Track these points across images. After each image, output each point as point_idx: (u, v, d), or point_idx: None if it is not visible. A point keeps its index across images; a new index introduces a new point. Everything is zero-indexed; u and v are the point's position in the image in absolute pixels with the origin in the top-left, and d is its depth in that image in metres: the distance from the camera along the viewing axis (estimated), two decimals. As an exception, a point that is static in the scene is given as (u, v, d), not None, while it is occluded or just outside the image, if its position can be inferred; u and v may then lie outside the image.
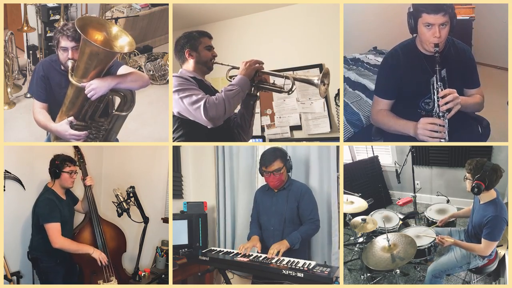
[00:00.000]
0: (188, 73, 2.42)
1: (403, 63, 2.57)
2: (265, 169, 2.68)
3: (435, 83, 2.40)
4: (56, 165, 2.72)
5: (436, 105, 2.39)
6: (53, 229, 2.63)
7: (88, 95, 2.32)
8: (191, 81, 2.32)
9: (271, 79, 2.50)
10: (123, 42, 2.36)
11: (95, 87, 2.30)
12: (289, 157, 2.73)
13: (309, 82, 2.38)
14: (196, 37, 2.46)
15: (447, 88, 2.38)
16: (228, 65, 2.49)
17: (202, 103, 2.17)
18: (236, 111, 2.53)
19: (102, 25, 2.36)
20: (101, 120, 2.51)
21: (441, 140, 2.37)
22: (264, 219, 2.79)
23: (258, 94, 2.51)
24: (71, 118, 2.42)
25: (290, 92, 2.42)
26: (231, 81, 2.38)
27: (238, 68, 2.42)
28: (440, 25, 2.37)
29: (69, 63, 2.37)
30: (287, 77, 2.40)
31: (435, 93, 2.40)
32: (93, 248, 2.75)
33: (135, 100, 2.50)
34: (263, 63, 2.43)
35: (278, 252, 2.49)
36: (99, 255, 2.72)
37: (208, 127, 2.23)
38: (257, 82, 2.44)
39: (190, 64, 2.47)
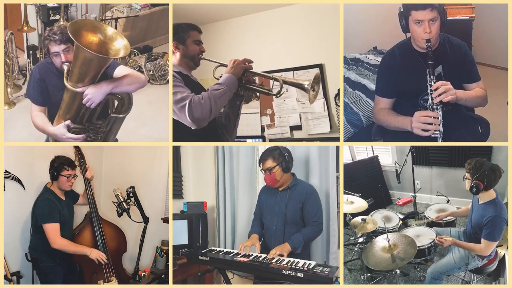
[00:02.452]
0: (174, 67, 2.34)
1: (400, 62, 2.60)
2: (260, 167, 2.69)
3: (427, 77, 2.43)
4: (55, 167, 2.72)
5: (429, 98, 2.42)
6: (52, 230, 2.63)
7: (86, 105, 2.30)
8: (177, 77, 2.24)
9: (260, 79, 2.40)
10: (119, 45, 2.29)
11: (91, 97, 2.26)
12: (287, 157, 2.67)
13: (299, 86, 2.31)
14: (185, 30, 2.39)
15: (440, 81, 2.40)
16: (216, 62, 2.41)
17: (187, 102, 2.08)
18: (221, 110, 2.46)
19: (97, 27, 2.29)
20: (99, 122, 2.48)
21: (436, 132, 2.39)
22: (267, 218, 2.78)
23: (245, 94, 2.44)
24: (68, 122, 2.38)
25: (278, 95, 2.34)
26: (218, 79, 2.30)
27: (225, 66, 2.34)
28: (430, 21, 2.41)
29: (65, 67, 2.33)
30: (276, 79, 2.32)
31: (429, 87, 2.42)
32: (90, 249, 2.74)
33: (132, 102, 2.46)
34: (252, 62, 2.36)
35: (280, 255, 2.48)
36: (96, 255, 2.72)
37: (192, 128, 2.15)
38: (244, 82, 2.36)
39: (176, 58, 2.39)
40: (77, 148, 2.93)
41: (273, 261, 2.41)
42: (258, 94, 2.47)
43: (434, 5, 2.39)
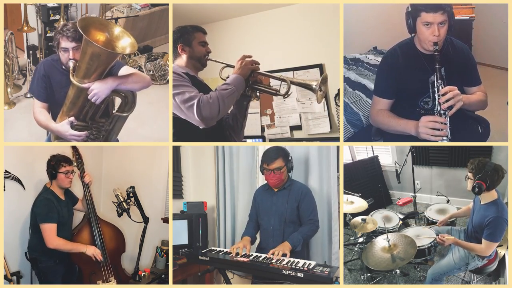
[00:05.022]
0: (182, 69, 2.36)
1: (402, 63, 2.58)
2: (266, 167, 2.67)
3: (435, 81, 2.40)
4: (52, 166, 2.72)
5: (437, 103, 2.39)
6: (49, 230, 2.62)
7: (92, 100, 2.32)
8: (184, 77, 2.26)
9: (268, 80, 2.43)
10: (125, 43, 2.35)
11: (97, 92, 2.30)
12: (291, 157, 2.73)
13: (306, 86, 2.31)
14: (190, 32, 2.42)
15: (448, 86, 2.38)
16: (222, 63, 2.43)
17: (195, 101, 2.10)
18: (229, 111, 2.48)
19: (104, 26, 2.35)
20: (102, 120, 2.50)
21: (443, 138, 2.37)
22: (264, 219, 2.79)
23: (252, 95, 2.45)
24: (72, 119, 2.41)
25: (285, 96, 2.34)
26: (225, 80, 2.31)
27: (232, 67, 2.36)
28: (439, 24, 2.38)
29: (71, 63, 2.37)
30: (283, 80, 2.32)
31: (436, 92, 2.40)
32: (86, 246, 2.74)
33: (136, 101, 2.49)
34: (258, 63, 2.37)
35: (283, 254, 2.47)
36: (92, 252, 2.72)
37: (200, 127, 2.16)
38: (251, 83, 2.37)
39: (183, 60, 2.41)
40: (74, 148, 2.93)
41: (273, 261, 2.41)
42: (258, 94, 2.47)
43: (444, 8, 2.36)
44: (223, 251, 2.67)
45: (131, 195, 2.94)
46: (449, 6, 2.40)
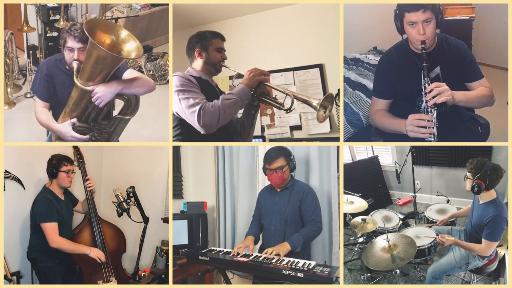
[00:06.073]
0: (195, 73, 2.43)
1: (398, 63, 2.59)
2: (268, 166, 2.68)
3: (422, 79, 2.42)
4: (53, 164, 2.72)
5: (424, 100, 2.40)
6: (50, 229, 2.63)
7: (96, 103, 2.33)
8: (193, 82, 2.31)
9: (274, 92, 2.45)
10: (131, 47, 2.35)
11: (101, 95, 2.31)
12: (293, 157, 2.73)
13: (308, 103, 2.31)
14: (208, 38, 2.47)
15: (434, 83, 2.38)
16: (234, 71, 2.47)
17: (197, 108, 2.16)
18: (239, 116, 2.53)
19: (111, 28, 2.35)
20: (104, 122, 2.50)
21: (430, 136, 2.38)
22: (266, 219, 2.78)
23: (260, 104, 2.48)
24: (74, 120, 2.41)
25: (288, 111, 2.37)
26: (234, 87, 2.35)
27: (242, 76, 2.39)
28: (424, 22, 2.39)
29: (74, 64, 2.37)
30: (287, 95, 2.35)
31: (423, 89, 2.41)
32: (90, 248, 2.74)
33: (139, 105, 2.50)
34: (268, 75, 2.40)
35: (277, 254, 2.47)
36: (96, 254, 2.72)
37: (201, 132, 2.21)
38: (259, 94, 2.41)
39: (198, 64, 2.47)
40: (76, 148, 2.93)
41: (273, 261, 2.41)
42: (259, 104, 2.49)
43: (427, 6, 2.36)
44: (223, 251, 2.67)
45: (131, 195, 2.94)
46: (433, 4, 2.40)
